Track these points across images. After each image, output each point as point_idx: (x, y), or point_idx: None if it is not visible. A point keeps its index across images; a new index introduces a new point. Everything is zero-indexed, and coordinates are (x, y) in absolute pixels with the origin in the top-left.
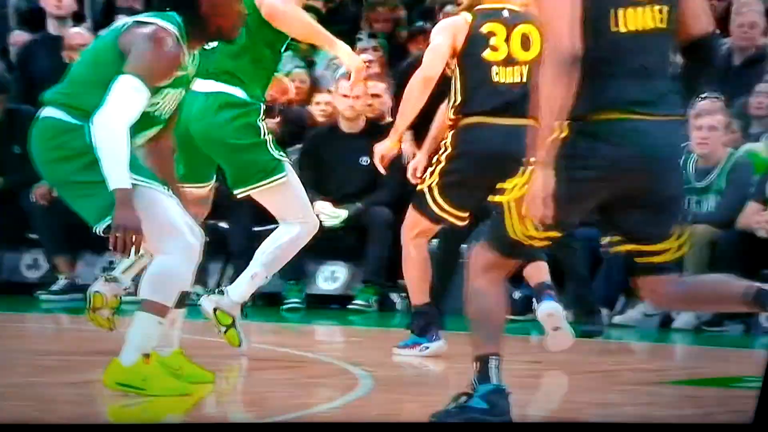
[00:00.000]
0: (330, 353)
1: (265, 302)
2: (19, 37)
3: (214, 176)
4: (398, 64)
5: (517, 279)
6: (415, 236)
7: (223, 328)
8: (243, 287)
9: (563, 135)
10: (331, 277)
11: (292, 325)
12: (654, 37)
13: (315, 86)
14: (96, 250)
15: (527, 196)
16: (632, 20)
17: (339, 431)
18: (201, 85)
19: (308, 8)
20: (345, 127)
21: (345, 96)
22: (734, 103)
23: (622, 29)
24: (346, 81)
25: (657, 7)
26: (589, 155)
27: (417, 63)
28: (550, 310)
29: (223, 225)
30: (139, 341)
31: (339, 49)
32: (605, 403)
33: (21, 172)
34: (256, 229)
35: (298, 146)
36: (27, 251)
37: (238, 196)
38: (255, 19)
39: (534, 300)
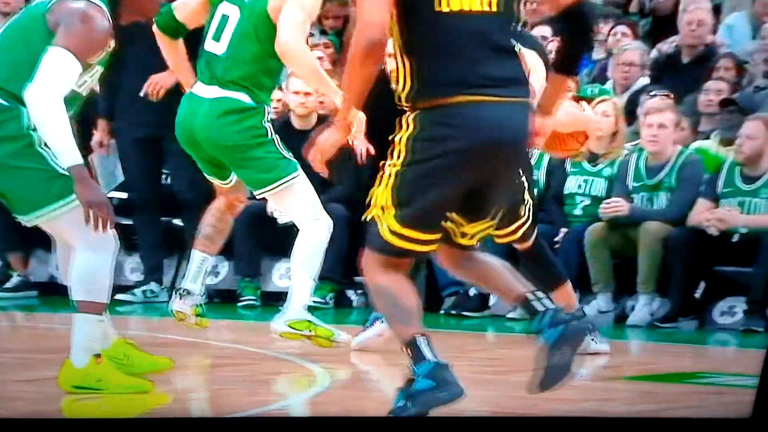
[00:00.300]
0: (287, 350)
1: (221, 300)
2: None
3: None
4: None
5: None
6: None
7: (309, 332)
8: (297, 296)
9: (411, 126)
10: (287, 275)
11: (248, 323)
12: (483, 19)
13: None
14: (48, 247)
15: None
16: (456, 1)
17: (297, 427)
18: (205, 91)
19: None
20: (297, 123)
21: (296, 93)
22: (684, 100)
23: (445, 9)
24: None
25: None
26: (440, 143)
27: None
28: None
29: (178, 222)
30: (83, 343)
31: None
32: (560, 399)
33: None
34: None
35: None
36: None
37: (258, 197)
38: (266, 31)
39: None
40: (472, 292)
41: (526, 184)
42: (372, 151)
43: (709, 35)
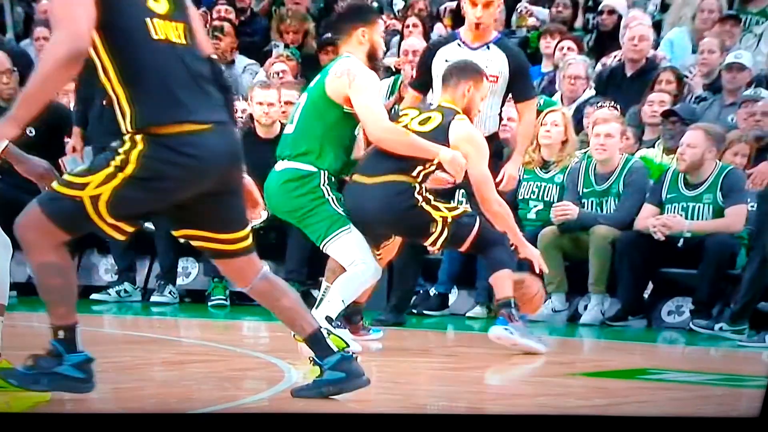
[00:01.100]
0: (256, 347)
1: (192, 299)
2: None
3: None
4: (310, 73)
5: (432, 275)
6: None
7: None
8: (325, 308)
9: (139, 146)
10: None
11: (218, 321)
12: (185, 50)
13: None
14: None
15: None
16: (162, 30)
17: (265, 423)
18: (277, 166)
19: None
20: (261, 132)
21: (260, 104)
22: (627, 111)
23: (155, 37)
24: (261, 89)
25: (173, 24)
26: (168, 167)
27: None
28: (496, 333)
29: (149, 225)
30: None
31: (442, 154)
32: (518, 394)
33: None
34: None
35: None
36: None
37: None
38: (327, 110)
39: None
40: (432, 291)
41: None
42: None
43: (650, 50)
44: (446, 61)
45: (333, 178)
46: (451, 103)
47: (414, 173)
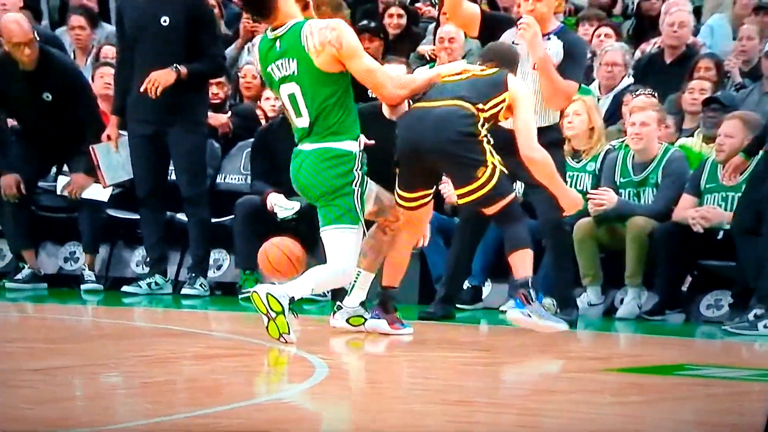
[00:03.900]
0: (287, 341)
1: (223, 292)
2: None
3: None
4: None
5: (468, 269)
6: None
7: (273, 314)
8: (296, 287)
9: None
10: None
11: (249, 314)
12: None
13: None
14: (57, 241)
15: None
16: None
17: (294, 417)
18: (305, 147)
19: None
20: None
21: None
22: (666, 99)
23: None
24: None
25: None
26: None
27: None
28: (513, 317)
29: (181, 217)
30: None
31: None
32: (552, 390)
33: None
34: (214, 220)
35: (250, 140)
36: None
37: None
38: (328, 80)
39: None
40: (465, 284)
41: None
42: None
43: (690, 36)
44: (513, 43)
45: (365, 158)
46: None
47: (479, 105)
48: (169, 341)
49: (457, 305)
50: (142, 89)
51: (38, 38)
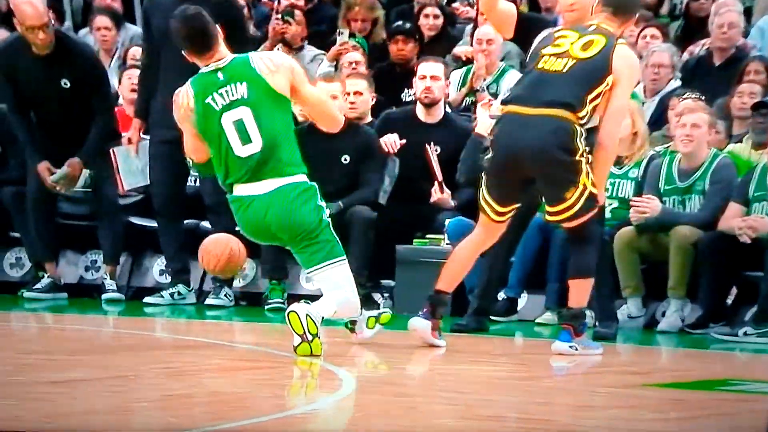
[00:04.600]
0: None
1: (248, 302)
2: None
3: None
4: (377, 64)
5: (503, 279)
6: None
7: (310, 337)
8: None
9: None
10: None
11: (274, 326)
12: None
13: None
14: (77, 250)
15: None
16: None
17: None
18: (262, 187)
19: (289, 11)
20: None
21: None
22: (714, 103)
23: None
24: (324, 81)
25: None
26: None
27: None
28: (558, 349)
29: (206, 225)
30: None
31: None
32: (589, 405)
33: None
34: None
35: None
36: (9, 250)
37: (309, 276)
38: (283, 104)
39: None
40: (500, 296)
41: None
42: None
43: (740, 38)
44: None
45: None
46: (612, 27)
47: (580, 113)
48: (192, 353)
49: (492, 317)
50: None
51: (53, 22)
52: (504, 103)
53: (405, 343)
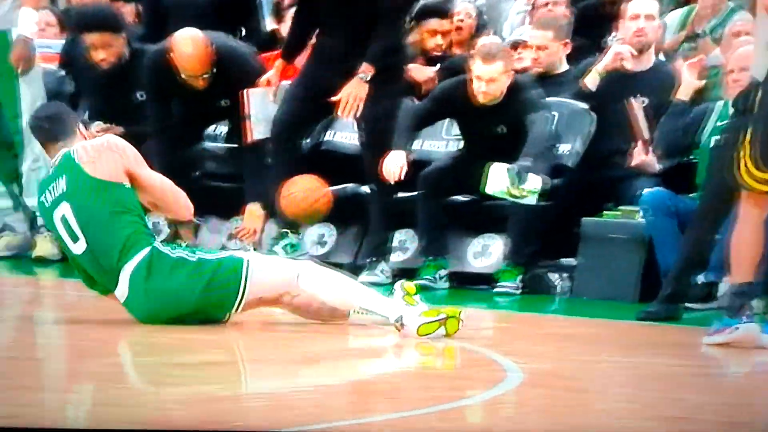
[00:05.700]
0: (475, 341)
1: (407, 278)
2: None
3: None
4: (582, 2)
5: (703, 261)
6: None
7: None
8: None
9: None
10: (483, 252)
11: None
12: None
13: None
14: (222, 215)
15: None
16: None
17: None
18: (121, 287)
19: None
20: None
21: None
22: None
23: None
24: None
25: None
26: None
27: None
28: (763, 343)
29: (365, 189)
30: None
31: None
32: None
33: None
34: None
35: None
36: None
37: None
38: (106, 192)
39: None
40: (699, 279)
41: None
42: None
43: None
44: None
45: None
46: None
47: None
48: (339, 337)
49: (686, 304)
50: (339, 113)
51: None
52: None
53: (576, 332)
